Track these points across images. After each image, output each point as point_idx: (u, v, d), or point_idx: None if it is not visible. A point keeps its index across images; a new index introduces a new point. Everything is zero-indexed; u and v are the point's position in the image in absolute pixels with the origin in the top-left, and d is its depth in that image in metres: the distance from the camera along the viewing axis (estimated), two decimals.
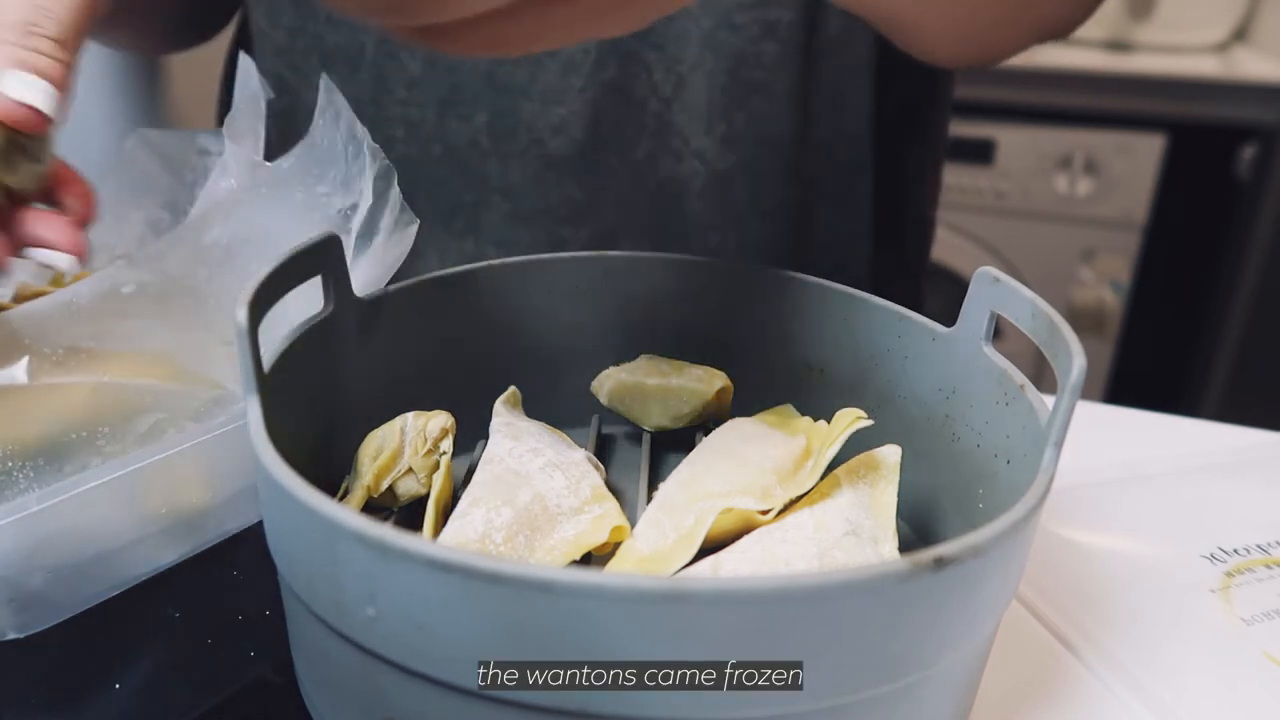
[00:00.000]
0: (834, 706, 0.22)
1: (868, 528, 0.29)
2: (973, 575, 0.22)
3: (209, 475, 0.34)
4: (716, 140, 0.50)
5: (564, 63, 0.48)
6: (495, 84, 0.49)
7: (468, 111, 0.49)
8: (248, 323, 0.25)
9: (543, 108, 0.49)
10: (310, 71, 0.51)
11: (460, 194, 0.51)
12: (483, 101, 0.49)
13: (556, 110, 0.49)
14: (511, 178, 0.50)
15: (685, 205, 0.51)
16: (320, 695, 0.26)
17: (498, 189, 0.51)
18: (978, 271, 0.31)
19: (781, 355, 0.38)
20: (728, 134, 0.50)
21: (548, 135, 0.49)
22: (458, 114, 0.50)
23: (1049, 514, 0.38)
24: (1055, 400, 0.26)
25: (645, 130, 0.50)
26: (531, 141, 0.50)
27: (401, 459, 0.32)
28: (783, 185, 0.51)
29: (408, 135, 0.50)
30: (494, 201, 0.51)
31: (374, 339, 0.34)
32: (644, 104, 0.49)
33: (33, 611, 0.30)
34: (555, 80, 0.48)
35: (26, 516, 0.28)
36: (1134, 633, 0.32)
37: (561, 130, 0.49)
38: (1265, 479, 0.41)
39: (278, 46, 0.51)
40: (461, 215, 0.52)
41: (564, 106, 0.49)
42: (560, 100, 0.49)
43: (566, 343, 0.39)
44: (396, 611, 0.21)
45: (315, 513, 0.21)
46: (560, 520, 0.30)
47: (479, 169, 0.50)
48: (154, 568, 0.33)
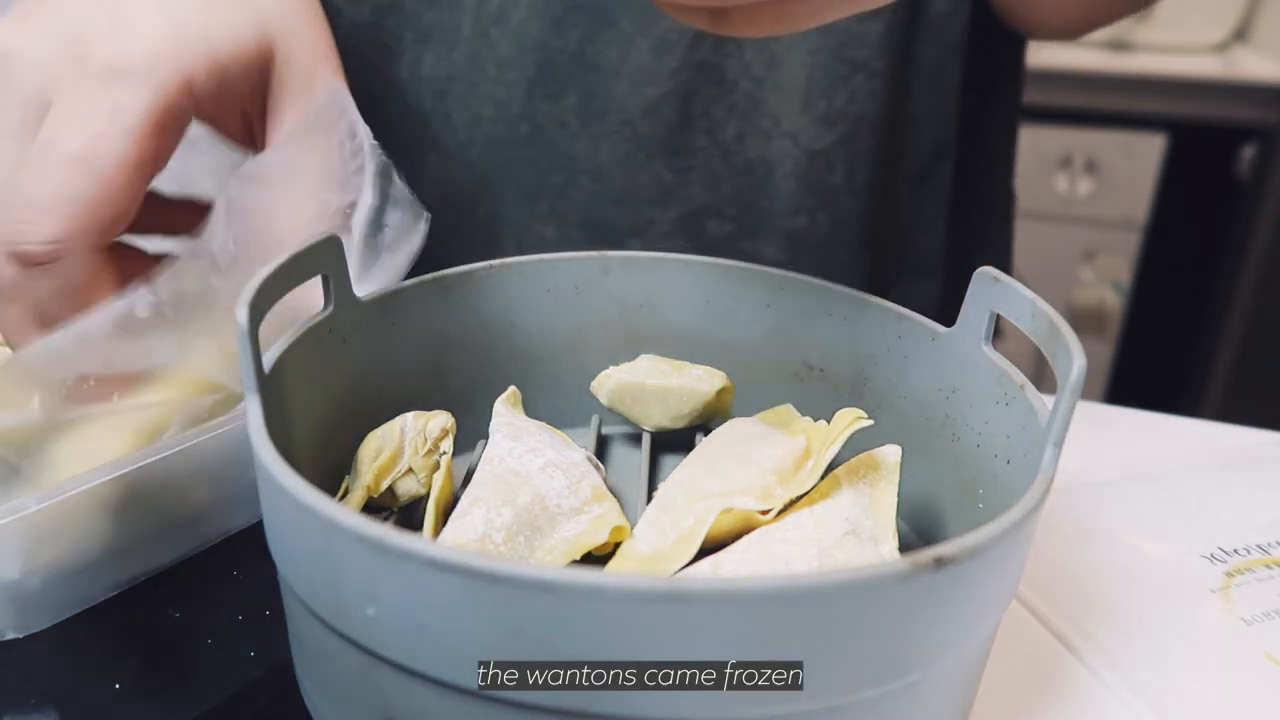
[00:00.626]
0: (834, 706, 0.22)
1: (868, 528, 0.29)
2: (973, 575, 0.22)
3: (209, 475, 0.34)
4: (814, 119, 0.50)
5: (657, 42, 0.48)
6: (585, 64, 0.49)
7: (557, 91, 0.49)
8: (248, 323, 0.25)
9: (634, 88, 0.49)
10: (400, 50, 0.51)
11: (547, 175, 0.51)
12: (572, 81, 0.49)
13: (647, 91, 0.49)
14: (600, 158, 0.50)
15: (774, 185, 0.51)
16: (320, 695, 0.26)
17: (586, 170, 0.50)
18: (978, 271, 0.31)
19: (781, 355, 0.38)
20: (827, 113, 0.49)
21: (638, 116, 0.49)
22: (546, 94, 0.49)
23: (1049, 514, 0.38)
24: (1055, 400, 0.26)
25: (735, 110, 0.49)
26: (621, 122, 0.49)
27: (401, 459, 0.32)
28: (876, 164, 0.51)
29: (496, 114, 0.50)
30: (581, 182, 0.51)
31: (374, 339, 0.34)
32: (735, 84, 0.49)
33: (33, 611, 0.30)
34: (648, 61, 0.48)
35: (26, 516, 0.28)
36: (1134, 633, 0.32)
37: (652, 111, 0.49)
38: (1265, 479, 0.41)
39: (360, 24, 0.50)
40: (547, 197, 0.51)
41: (655, 87, 0.49)
42: (652, 81, 0.48)
43: (566, 343, 0.39)
44: (396, 611, 0.21)
45: (315, 513, 0.21)
46: (560, 520, 0.30)
47: (567, 149, 0.50)
48: (154, 567, 0.33)
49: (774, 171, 0.51)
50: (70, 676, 0.30)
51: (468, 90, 0.50)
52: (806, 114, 0.49)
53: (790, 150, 0.50)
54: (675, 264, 0.38)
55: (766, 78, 0.49)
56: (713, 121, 0.49)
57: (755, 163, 0.50)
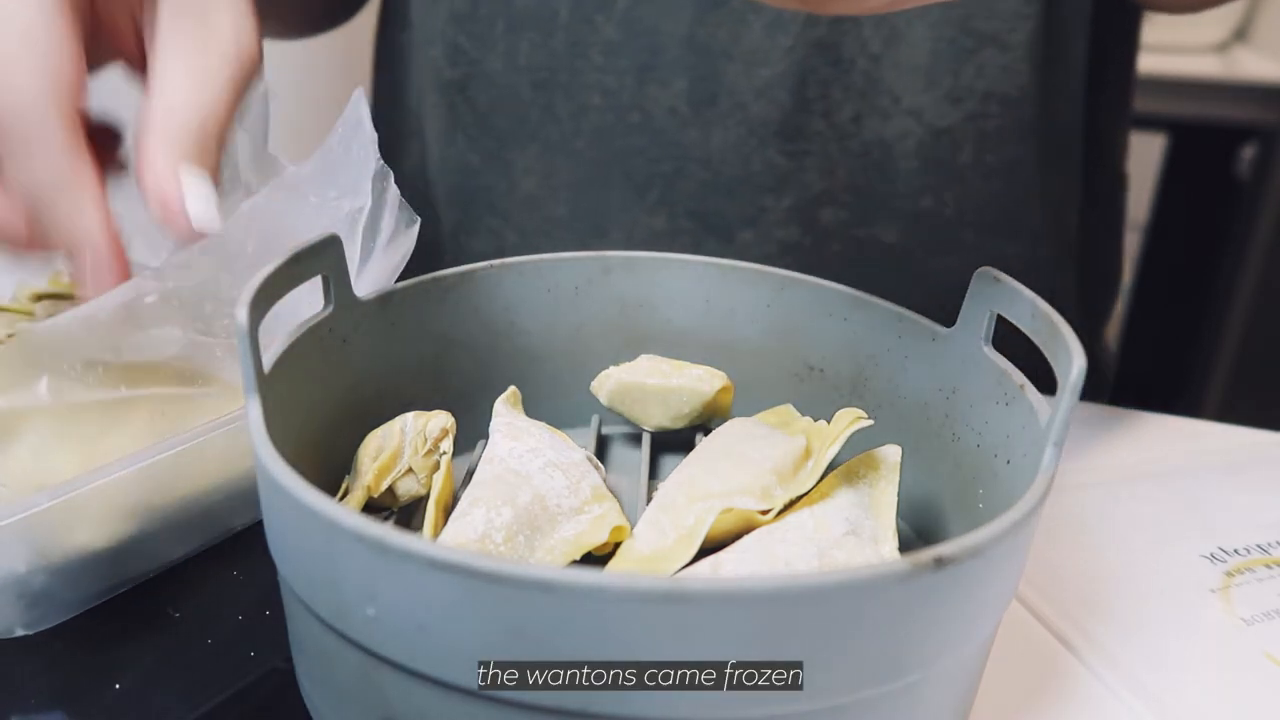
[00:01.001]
0: (834, 706, 0.22)
1: (868, 528, 0.29)
2: (973, 575, 0.22)
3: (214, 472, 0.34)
4: (939, 96, 0.48)
5: (770, 21, 0.46)
6: (696, 47, 0.47)
7: (667, 76, 0.48)
8: (248, 323, 0.25)
9: (746, 70, 0.47)
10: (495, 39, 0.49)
11: (657, 164, 0.49)
12: (682, 65, 0.47)
13: (761, 72, 0.47)
14: (711, 145, 0.49)
15: (894, 167, 0.49)
16: (320, 695, 0.26)
17: (696, 158, 0.49)
18: (978, 271, 0.31)
19: (781, 355, 0.38)
20: (953, 89, 0.48)
21: (751, 99, 0.47)
22: (656, 79, 0.48)
23: (1049, 514, 0.38)
24: (1055, 400, 0.26)
25: (852, 90, 0.47)
26: (734, 106, 0.48)
27: (401, 459, 0.32)
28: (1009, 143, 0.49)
29: (604, 104, 0.49)
30: (691, 171, 0.49)
31: (374, 339, 0.34)
32: (852, 63, 0.47)
33: (41, 609, 0.30)
34: (761, 40, 0.47)
35: (35, 514, 0.28)
36: (1134, 633, 0.32)
37: (765, 93, 0.47)
38: (1265, 479, 0.41)
39: (456, 13, 0.50)
40: (657, 186, 0.50)
41: (769, 68, 0.47)
42: (765, 61, 0.47)
43: (566, 343, 0.39)
44: (396, 611, 0.21)
45: (315, 513, 0.21)
46: (560, 520, 0.30)
47: (677, 137, 0.49)
48: (161, 564, 0.33)
49: (893, 151, 0.48)
50: (71, 676, 0.30)
51: (571, 79, 0.48)
52: (930, 91, 0.47)
53: (912, 128, 0.48)
54: (675, 264, 0.38)
55: (885, 54, 0.47)
56: (830, 103, 0.47)
57: (873, 144, 0.48)
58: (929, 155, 0.48)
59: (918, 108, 0.48)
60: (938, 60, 0.47)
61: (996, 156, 0.49)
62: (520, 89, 0.50)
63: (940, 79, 0.47)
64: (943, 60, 0.47)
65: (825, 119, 0.48)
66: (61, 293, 0.43)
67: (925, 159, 0.48)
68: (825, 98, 0.47)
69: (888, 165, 0.49)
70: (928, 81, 0.47)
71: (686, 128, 0.48)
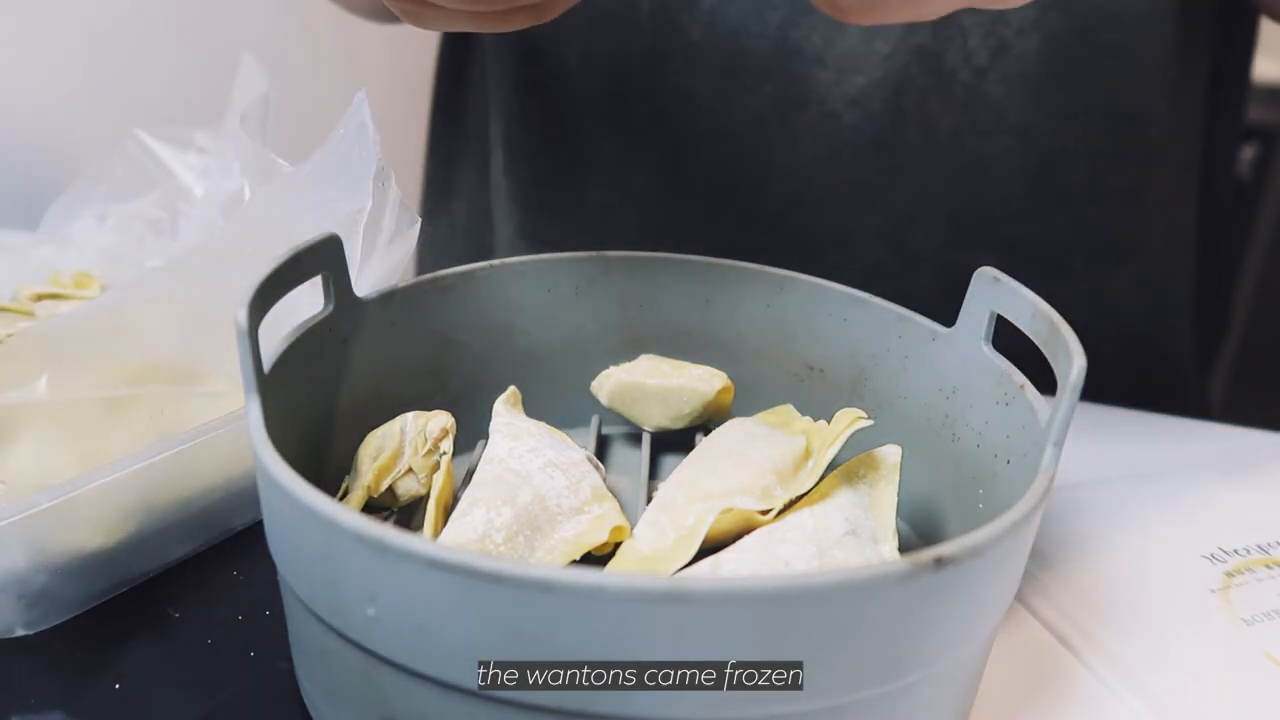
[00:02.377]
0: (834, 706, 0.22)
1: (868, 528, 0.29)
2: (973, 575, 0.22)
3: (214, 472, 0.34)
4: (1053, 113, 0.44)
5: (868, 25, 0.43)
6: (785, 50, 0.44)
7: (753, 82, 0.44)
8: (248, 323, 0.25)
9: (839, 77, 0.44)
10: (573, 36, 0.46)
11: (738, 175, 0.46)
12: (771, 70, 0.44)
13: (854, 80, 0.44)
14: (798, 156, 0.45)
15: (995, 188, 0.45)
16: (320, 695, 0.26)
17: (781, 169, 0.46)
18: (978, 271, 0.31)
19: (781, 355, 0.38)
20: (1070, 105, 0.44)
21: (842, 108, 0.44)
22: (741, 84, 0.45)
23: (1049, 514, 0.38)
24: (1055, 400, 0.26)
25: (953, 103, 0.44)
26: (823, 115, 0.45)
27: (401, 459, 0.32)
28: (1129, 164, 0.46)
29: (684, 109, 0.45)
30: (775, 183, 0.46)
31: (374, 339, 0.34)
32: (954, 74, 0.44)
33: (41, 609, 0.30)
34: (857, 45, 0.43)
35: (35, 514, 0.28)
36: (1134, 633, 0.32)
37: (858, 102, 0.44)
38: (1265, 479, 0.41)
39: None
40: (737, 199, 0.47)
41: (864, 75, 0.44)
42: (860, 68, 0.44)
43: (566, 343, 0.39)
44: (396, 611, 0.21)
45: (315, 513, 0.21)
46: (560, 520, 0.30)
47: (761, 146, 0.45)
48: (161, 564, 0.34)
49: (992, 171, 0.45)
50: (70, 676, 0.30)
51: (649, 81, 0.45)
52: (1041, 108, 0.44)
53: (1016, 148, 0.44)
54: (675, 264, 0.38)
55: (991, 66, 0.43)
56: (927, 114, 0.44)
57: (971, 163, 0.45)
58: (1034, 175, 0.45)
59: (1025, 124, 0.44)
60: (1053, 74, 0.43)
61: (1114, 179, 0.46)
62: (592, 86, 0.47)
63: (1054, 95, 0.44)
64: (1059, 74, 0.43)
65: (922, 132, 0.45)
66: (62, 293, 0.43)
67: (1029, 179, 0.45)
68: (923, 109, 0.44)
69: (986, 186, 0.46)
70: (1040, 97, 0.44)
71: (772, 137, 0.45)
